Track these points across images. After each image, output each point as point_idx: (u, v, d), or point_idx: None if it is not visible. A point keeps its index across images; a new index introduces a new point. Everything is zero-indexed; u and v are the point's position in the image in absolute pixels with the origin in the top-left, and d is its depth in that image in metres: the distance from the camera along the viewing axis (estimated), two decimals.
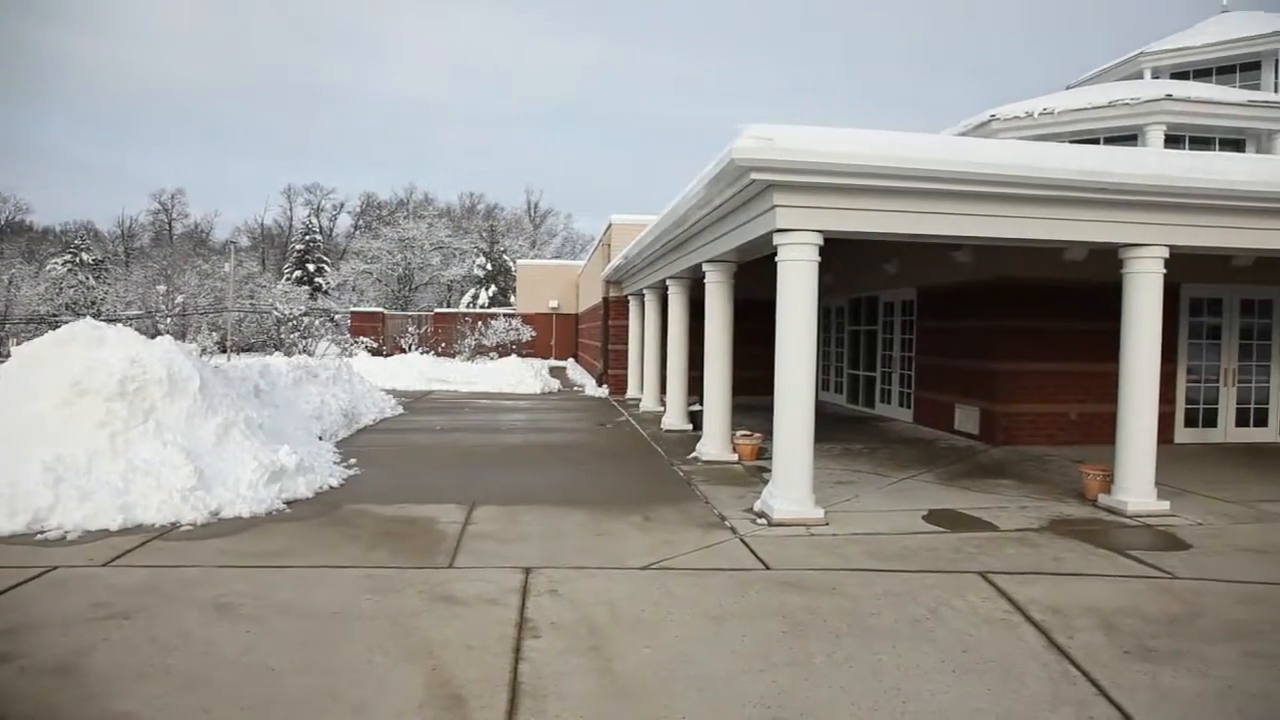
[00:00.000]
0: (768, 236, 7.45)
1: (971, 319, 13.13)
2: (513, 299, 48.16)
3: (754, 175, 6.92)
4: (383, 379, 21.23)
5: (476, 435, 13.27)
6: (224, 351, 27.46)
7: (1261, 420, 13.51)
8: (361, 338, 34.29)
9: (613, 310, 21.24)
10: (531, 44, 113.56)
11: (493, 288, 54.40)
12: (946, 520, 7.65)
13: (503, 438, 13.02)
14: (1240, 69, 23.94)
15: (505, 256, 56.93)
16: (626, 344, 20.32)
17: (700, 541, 6.79)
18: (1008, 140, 8.86)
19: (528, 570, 5.94)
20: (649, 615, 5.09)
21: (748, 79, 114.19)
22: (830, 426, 14.31)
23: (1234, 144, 18.20)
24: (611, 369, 21.26)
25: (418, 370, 23.86)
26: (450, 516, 7.53)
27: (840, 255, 14.74)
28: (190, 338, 29.80)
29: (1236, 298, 13.25)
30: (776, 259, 7.42)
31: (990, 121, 18.22)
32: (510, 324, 34.17)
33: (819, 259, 7.38)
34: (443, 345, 32.94)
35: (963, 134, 18.16)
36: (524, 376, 23.03)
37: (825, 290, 18.04)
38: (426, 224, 62.81)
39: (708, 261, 10.39)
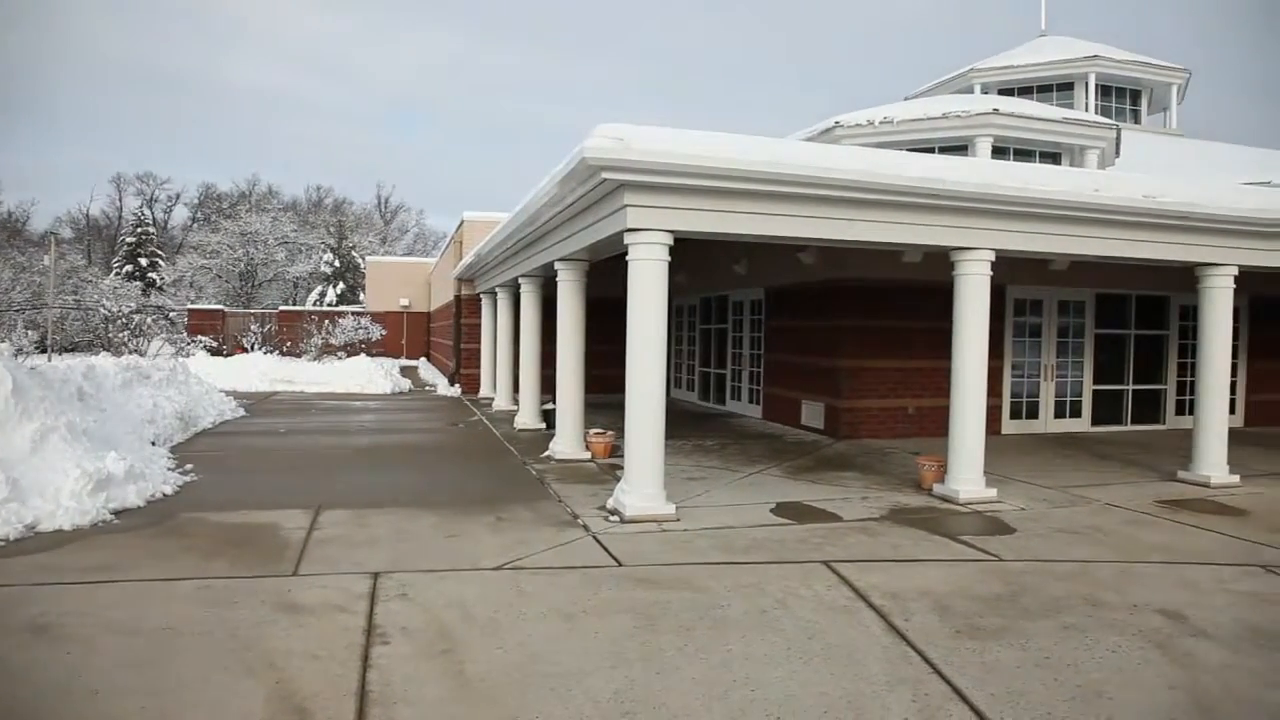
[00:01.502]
0: (619, 236, 7.50)
1: (817, 318, 13.61)
2: (362, 297, 46.77)
3: (605, 175, 6.95)
4: (223, 380, 20.23)
5: (323, 437, 12.83)
6: (44, 352, 25.51)
7: (1076, 412, 14.58)
8: (200, 337, 32.56)
9: (465, 308, 20.94)
10: (380, 36, 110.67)
11: (341, 285, 52.67)
12: (793, 512, 7.90)
13: (351, 439, 12.63)
14: (1057, 88, 25.76)
15: (354, 253, 55.16)
16: (479, 343, 20.07)
17: (553, 540, 6.77)
18: (851, 147, 9.25)
19: (376, 575, 5.78)
20: (502, 616, 5.04)
21: (598, 78, 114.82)
22: (682, 423, 14.55)
23: (1052, 157, 19.52)
24: (464, 368, 20.96)
25: (261, 371, 22.85)
26: (295, 522, 7.25)
27: (691, 255, 14.99)
28: (2, 337, 27.60)
29: (1055, 299, 14.25)
30: (627, 258, 7.48)
31: (835, 128, 18.92)
32: (359, 322, 33.15)
33: (670, 258, 7.48)
34: (288, 345, 31.66)
35: (809, 139, 18.76)
36: (374, 376, 22.41)
37: (677, 289, 18.40)
38: (271, 218, 60.07)
39: (560, 260, 10.37)
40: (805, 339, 14.00)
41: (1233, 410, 15.22)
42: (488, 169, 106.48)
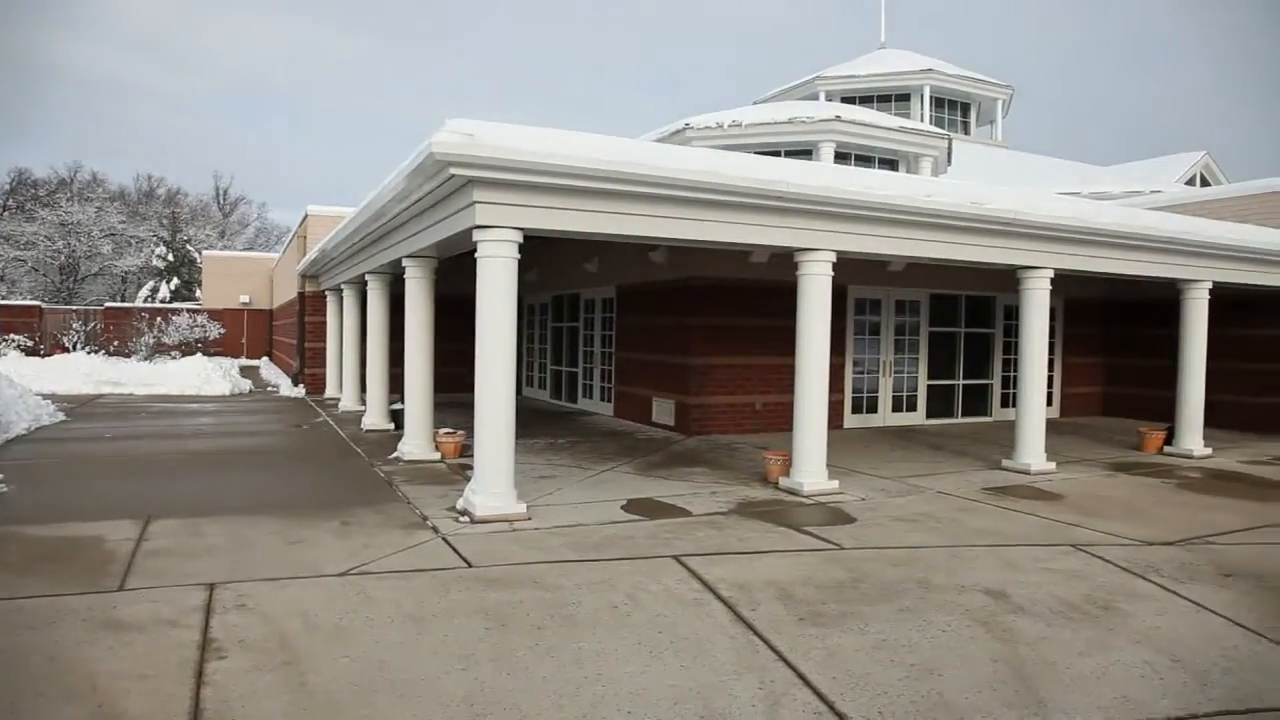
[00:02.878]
0: (468, 233, 7.39)
1: (667, 316, 13.82)
2: (199, 293, 44.41)
3: (454, 170, 6.84)
4: (40, 382, 18.77)
5: (154, 442, 12.10)
6: None
7: (912, 406, 15.35)
8: (12, 335, 30.16)
9: (310, 306, 20.20)
10: (222, 21, 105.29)
11: (175, 281, 49.83)
12: (644, 509, 8.00)
13: (185, 444, 11.97)
14: (895, 99, 27.07)
15: (190, 247, 52.28)
16: (325, 341, 19.41)
17: (401, 543, 6.62)
18: (701, 148, 9.45)
19: (212, 586, 5.50)
20: (347, 623, 4.90)
21: (453, 74, 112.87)
22: (534, 422, 14.50)
23: (890, 163, 20.49)
24: (309, 368, 20.21)
25: (84, 372, 21.33)
26: (121, 533, 6.80)
27: (543, 253, 14.96)
28: None
29: (892, 299, 14.95)
30: (477, 255, 7.39)
31: (685, 130, 19.27)
32: (195, 320, 31.54)
33: (520, 256, 7.44)
34: (116, 344, 29.77)
35: (660, 140, 19.03)
36: (211, 377, 21.30)
37: (528, 287, 18.34)
38: (95, 208, 56.04)
39: (408, 257, 10.15)
40: (656, 337, 14.19)
41: (1050, 402, 16.42)
42: (336, 163, 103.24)
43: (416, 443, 10.51)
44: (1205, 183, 26.65)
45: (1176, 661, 4.65)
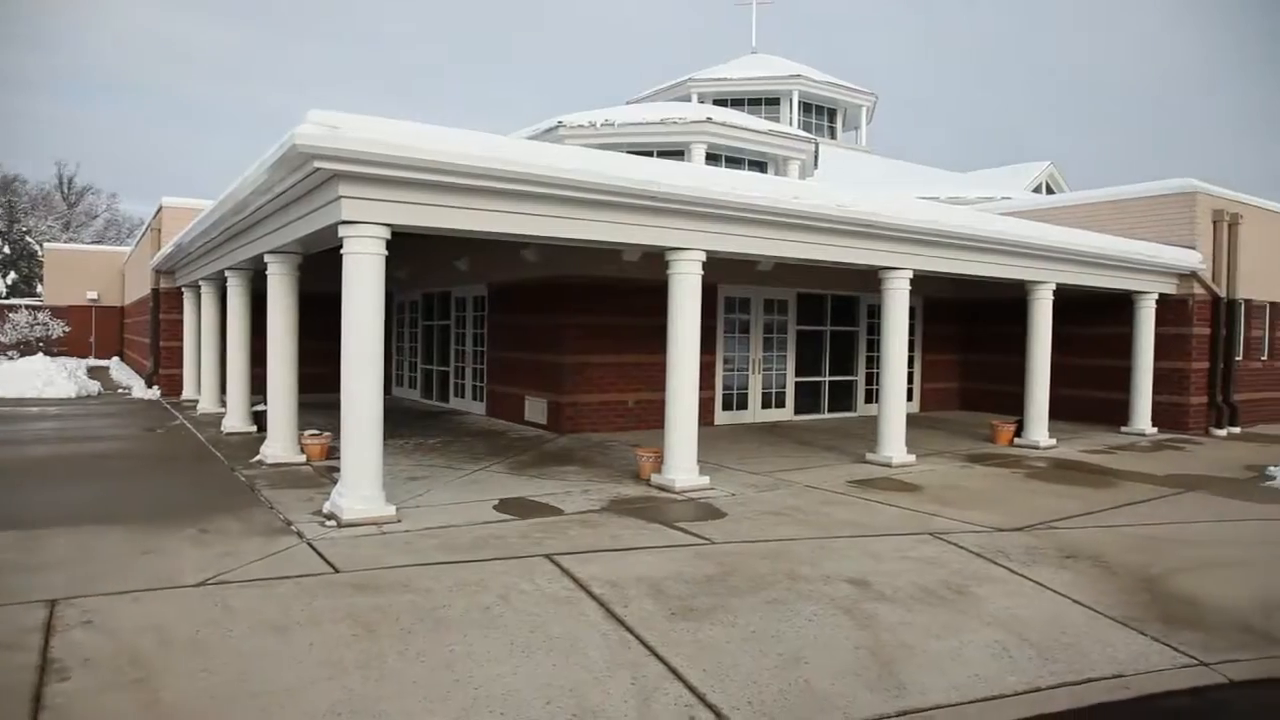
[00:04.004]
0: (333, 228, 7.18)
1: (540, 314, 13.76)
2: (40, 288, 41.61)
3: (318, 164, 6.63)
4: None
5: None
6: None
7: (781, 402, 15.74)
8: None
9: (165, 303, 19.21)
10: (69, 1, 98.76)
11: (13, 275, 46.60)
12: (516, 508, 7.94)
13: (25, 450, 11.19)
14: (765, 102, 27.68)
15: (30, 239, 48.98)
16: (181, 340, 18.47)
17: (264, 550, 6.37)
18: (574, 147, 9.45)
19: (54, 603, 5.15)
20: (206, 636, 4.68)
21: (312, 65, 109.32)
22: (404, 422, 14.21)
23: (759, 166, 20.92)
24: (164, 368, 19.22)
25: None
26: None
27: (412, 250, 14.64)
28: None
29: (761, 297, 15.30)
30: (343, 251, 7.18)
31: (558, 127, 19.19)
32: (37, 317, 29.58)
33: (388, 253, 7.27)
34: None
35: (532, 138, 18.90)
36: (54, 378, 19.98)
37: (398, 284, 17.96)
38: None
39: (270, 252, 9.77)
40: (529, 335, 14.11)
41: (911, 398, 17.15)
42: (195, 153, 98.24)
43: (280, 445, 10.14)
44: (1050, 190, 28.28)
45: (1023, 640, 4.93)
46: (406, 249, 13.95)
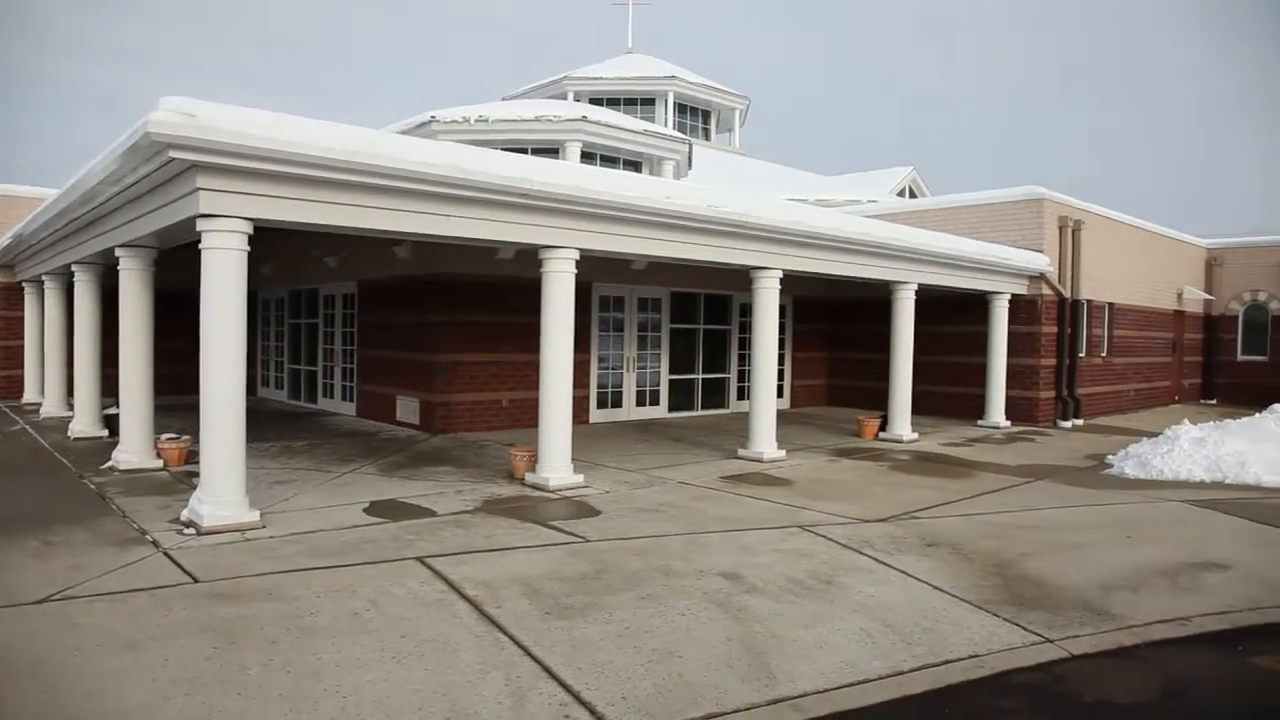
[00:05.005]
0: (191, 221, 6.84)
1: (412, 313, 13.50)
2: None
3: (174, 153, 6.30)
4: None
5: None
6: None
7: (655, 400, 15.90)
8: None
9: (3, 299, 17.95)
10: None
11: None
12: (387, 510, 7.77)
13: None
14: (641, 102, 27.86)
15: None
16: (22, 339, 17.28)
17: (115, 561, 6.03)
18: (447, 142, 9.28)
19: None
20: (49, 656, 4.39)
21: (168, 46, 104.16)
22: (270, 424, 13.70)
23: (634, 165, 21.07)
24: (2, 369, 17.95)
25: None
26: None
27: (279, 245, 14.15)
28: None
29: (635, 296, 15.41)
30: (201, 246, 6.86)
31: (431, 122, 18.86)
32: None
33: (250, 248, 6.99)
34: None
35: (404, 132, 18.50)
36: None
37: (263, 281, 17.30)
38: None
39: (122, 246, 9.26)
40: (400, 334, 13.82)
41: (781, 394, 17.59)
42: (36, 138, 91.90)
43: (134, 450, 9.61)
44: (912, 194, 29.44)
45: (887, 626, 5.12)
46: (272, 244, 13.46)
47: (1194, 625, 5.37)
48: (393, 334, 14.08)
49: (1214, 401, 22.21)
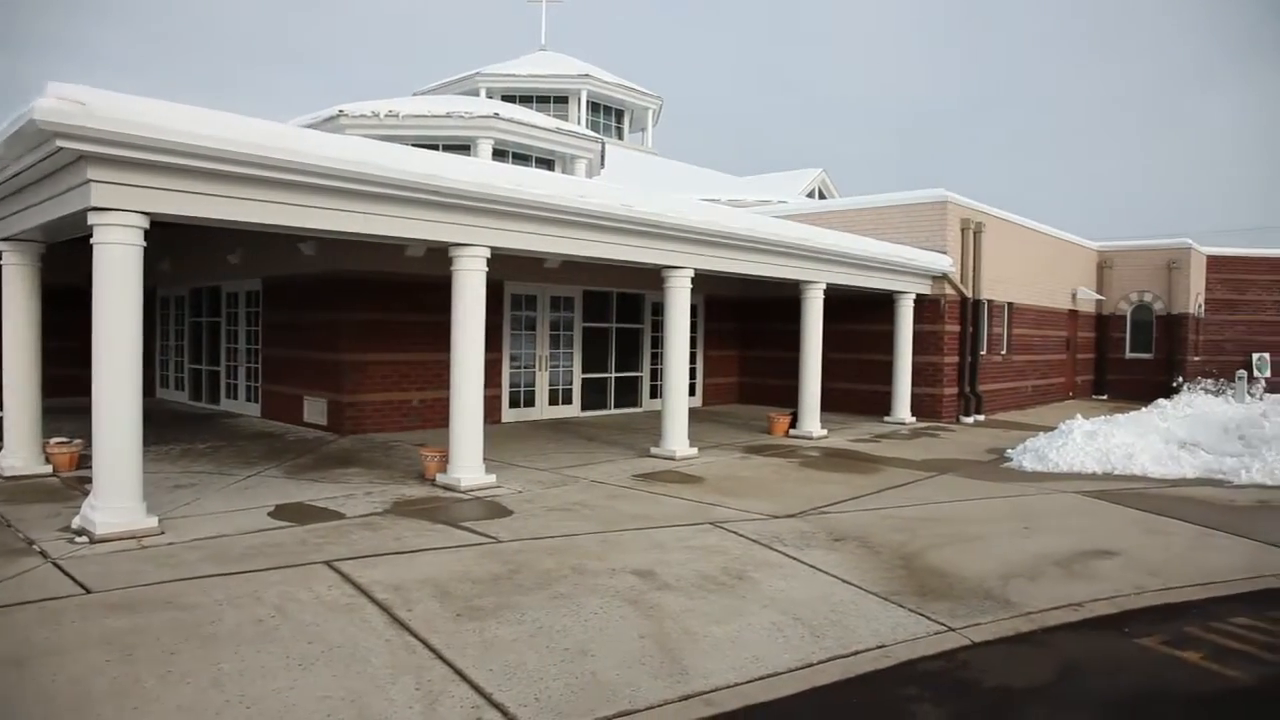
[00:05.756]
0: (81, 215, 6.55)
1: (319, 311, 13.18)
2: None
3: (62, 143, 6.02)
4: None
5: None
6: None
7: (568, 399, 15.86)
8: None
9: None
10: None
11: None
12: (294, 514, 7.57)
13: None
14: (554, 100, 27.72)
15: None
16: None
17: None
18: (356, 137, 9.06)
19: None
20: None
21: (53, 33, 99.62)
22: (169, 426, 13.21)
23: (547, 163, 20.98)
24: None
25: None
26: None
27: (179, 241, 13.70)
28: None
29: (548, 295, 15.34)
30: (93, 241, 6.57)
31: (339, 116, 18.47)
32: None
33: (147, 244, 6.72)
34: None
35: (311, 126, 18.06)
36: None
37: (161, 278, 16.68)
38: None
39: (6, 240, 8.81)
40: (307, 333, 13.48)
41: (693, 392, 17.73)
42: None
43: (21, 455, 9.15)
44: (822, 195, 29.99)
45: (797, 619, 5.21)
46: (171, 239, 13.00)
47: (1086, 610, 5.61)
48: (299, 333, 13.73)
49: (1105, 397, 23.20)
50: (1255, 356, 23.64)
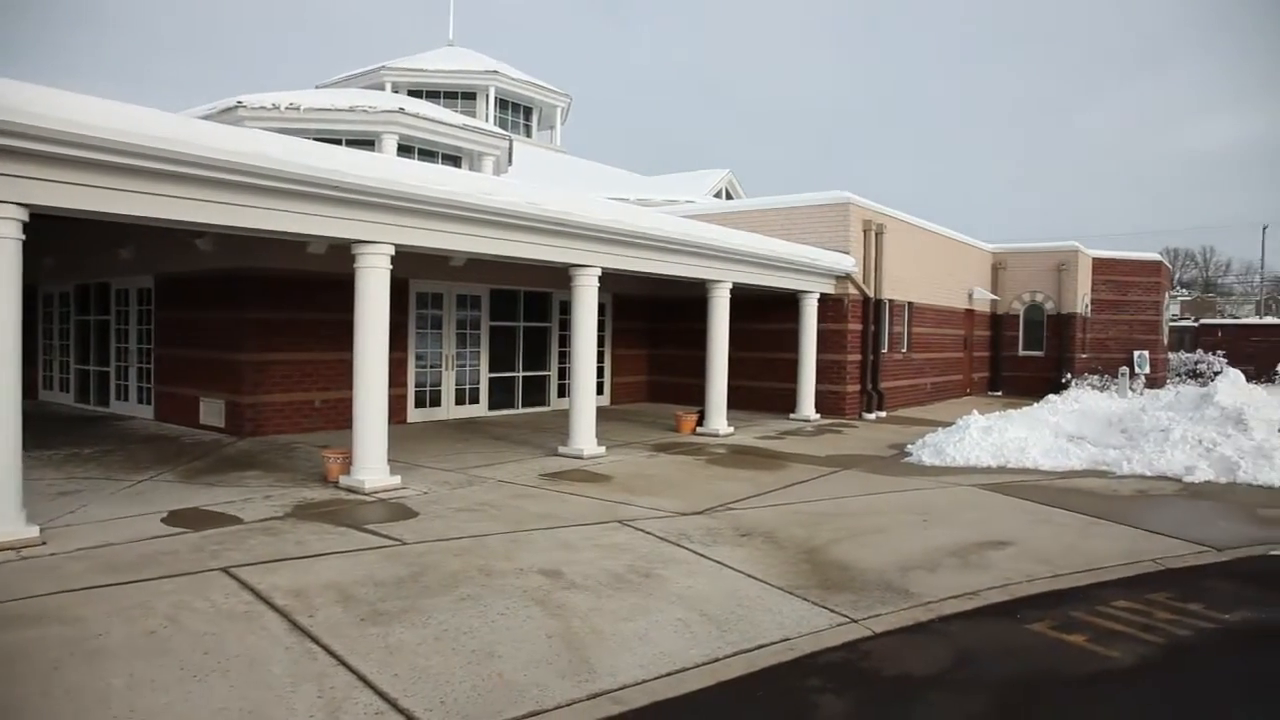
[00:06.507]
0: None
1: (217, 309, 12.76)
2: None
3: None
4: None
5: None
6: None
7: (475, 398, 15.70)
8: None
9: None
10: None
11: None
12: (189, 519, 7.30)
13: None
14: (461, 96, 27.37)
15: None
16: None
17: None
18: (255, 129, 8.74)
19: None
20: None
21: None
22: (54, 430, 12.60)
23: (453, 160, 20.71)
24: None
25: None
26: None
27: (64, 235, 13.09)
28: None
29: (454, 293, 15.15)
30: None
31: (237, 108, 17.90)
32: None
33: (27, 237, 6.38)
34: None
35: (207, 117, 17.46)
36: None
37: (46, 274, 15.88)
38: None
39: None
40: (204, 331, 13.02)
41: (601, 391, 17.77)
42: None
43: None
44: (729, 195, 30.33)
45: (704, 615, 5.27)
46: (55, 233, 12.41)
47: (980, 599, 5.82)
48: (196, 331, 13.25)
49: (1000, 393, 24.08)
50: (1136, 354, 24.86)
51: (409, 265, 10.51)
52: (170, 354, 13.87)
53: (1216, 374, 19.17)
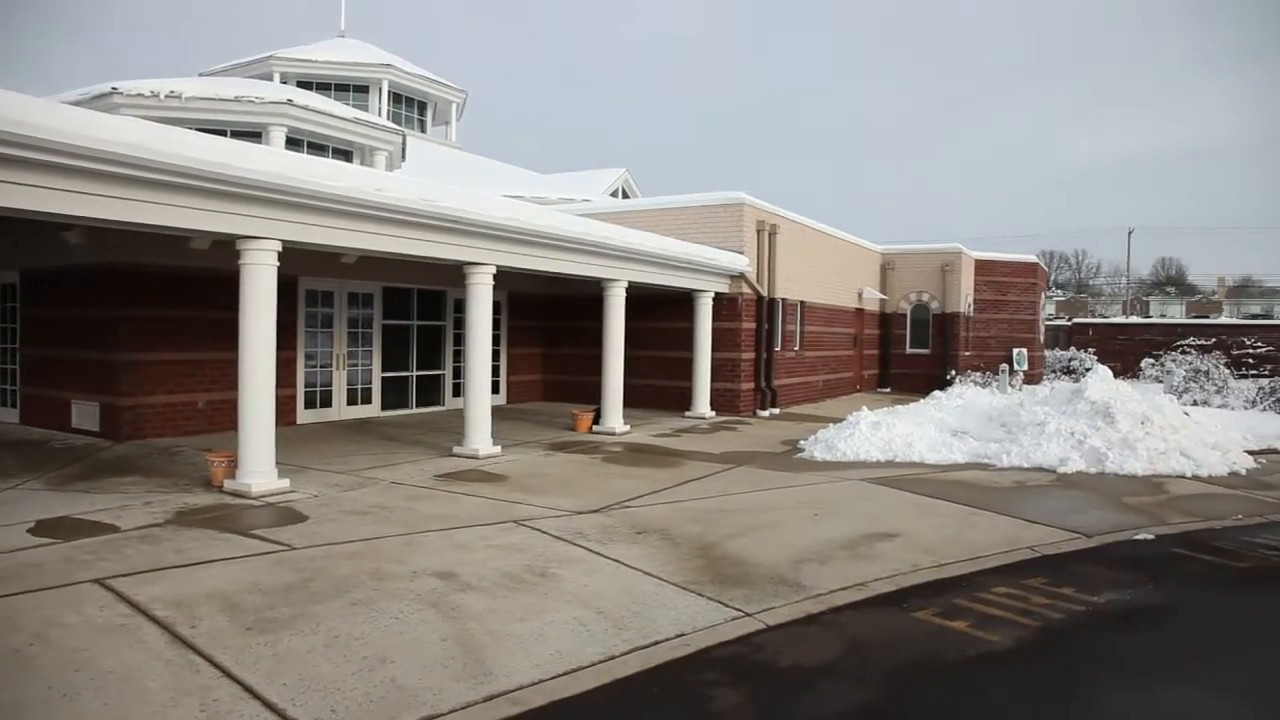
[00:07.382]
0: None
1: (89, 307, 12.14)
2: None
3: None
4: None
5: None
6: None
7: (368, 399, 15.36)
8: None
9: None
10: None
11: None
12: (59, 529, 6.93)
13: None
14: (354, 89, 26.69)
15: None
16: None
17: None
18: (131, 117, 8.27)
19: None
20: None
21: None
22: None
23: (345, 154, 20.19)
24: None
25: None
26: None
27: None
28: None
29: (345, 291, 14.79)
30: None
31: (112, 94, 17.05)
32: None
33: None
34: None
35: (79, 104, 16.58)
36: None
37: None
38: None
39: None
40: (75, 330, 12.37)
41: (497, 390, 17.59)
42: None
43: None
44: (625, 194, 30.43)
45: (600, 613, 5.28)
46: None
47: (869, 589, 6.00)
48: (67, 330, 12.57)
49: (889, 390, 24.81)
50: (1015, 352, 25.96)
51: (298, 262, 10.18)
52: (38, 354, 13.14)
53: (1088, 370, 20.18)
